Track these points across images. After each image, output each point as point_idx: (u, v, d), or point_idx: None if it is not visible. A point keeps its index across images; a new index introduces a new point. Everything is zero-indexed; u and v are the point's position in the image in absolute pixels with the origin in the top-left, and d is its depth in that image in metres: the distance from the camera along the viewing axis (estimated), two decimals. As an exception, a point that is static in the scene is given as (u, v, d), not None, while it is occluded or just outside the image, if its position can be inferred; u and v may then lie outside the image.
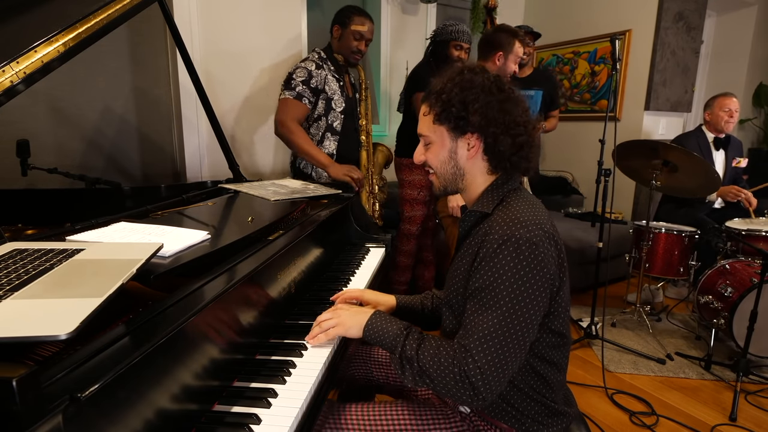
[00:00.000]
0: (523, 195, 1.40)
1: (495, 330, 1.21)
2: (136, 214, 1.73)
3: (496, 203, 1.38)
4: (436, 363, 1.25)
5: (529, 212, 1.31)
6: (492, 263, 1.25)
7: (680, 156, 3.34)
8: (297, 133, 2.93)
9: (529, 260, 1.23)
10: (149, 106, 3.56)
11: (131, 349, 0.89)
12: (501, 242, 1.25)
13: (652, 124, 5.25)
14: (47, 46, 1.50)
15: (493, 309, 1.23)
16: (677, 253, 3.67)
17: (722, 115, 4.26)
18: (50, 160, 3.08)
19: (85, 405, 0.74)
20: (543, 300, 1.26)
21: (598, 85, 5.50)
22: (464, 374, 1.20)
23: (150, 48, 3.50)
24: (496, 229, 1.28)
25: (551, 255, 1.28)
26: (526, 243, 1.23)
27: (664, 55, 5.04)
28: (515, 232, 1.25)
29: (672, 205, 4.44)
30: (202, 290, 1.19)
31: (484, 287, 1.25)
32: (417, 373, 1.28)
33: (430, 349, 1.28)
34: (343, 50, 3.08)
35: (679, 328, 3.84)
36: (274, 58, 3.82)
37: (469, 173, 1.44)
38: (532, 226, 1.26)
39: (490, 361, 1.20)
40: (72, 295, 0.88)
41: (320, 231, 2.01)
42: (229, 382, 1.22)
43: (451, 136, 1.41)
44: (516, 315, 1.22)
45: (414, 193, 3.60)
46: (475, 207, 1.41)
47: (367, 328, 1.41)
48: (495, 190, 1.41)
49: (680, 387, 3.02)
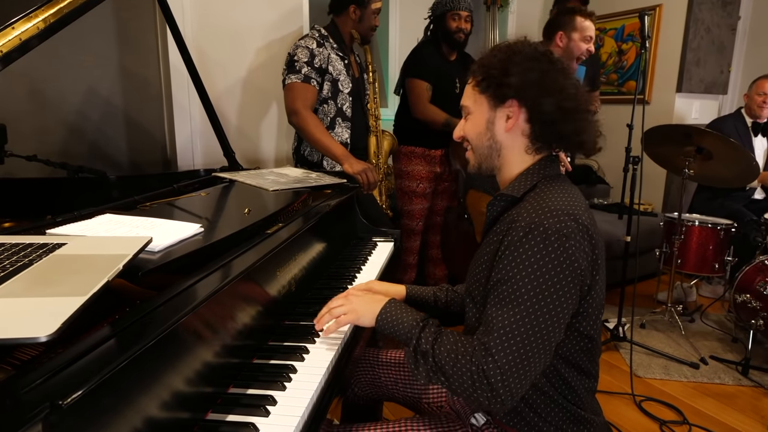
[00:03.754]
0: (560, 183, 1.39)
1: (517, 327, 1.20)
2: (122, 206, 1.73)
3: (528, 189, 1.38)
4: (452, 360, 1.24)
5: (562, 201, 1.30)
6: (516, 253, 1.24)
7: (716, 142, 3.32)
8: (311, 122, 2.89)
9: (558, 252, 1.21)
10: (137, 88, 3.55)
11: (117, 352, 0.88)
12: (527, 230, 1.24)
13: (685, 108, 5.21)
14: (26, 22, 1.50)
15: (515, 304, 1.22)
16: (712, 248, 3.65)
17: (756, 99, 4.24)
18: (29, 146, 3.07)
19: (68, 413, 0.74)
20: (571, 298, 1.24)
21: (625, 64, 5.47)
22: (483, 374, 1.19)
23: (138, 25, 3.49)
24: (523, 216, 1.27)
25: (583, 250, 1.26)
26: (555, 233, 1.22)
27: (698, 32, 5.00)
28: (544, 221, 1.24)
29: (707, 195, 4.42)
30: (195, 288, 1.18)
31: (506, 279, 1.24)
32: (431, 369, 1.28)
33: (447, 345, 1.28)
34: (362, 30, 3.08)
35: (714, 330, 3.83)
36: (273, 35, 3.80)
37: (506, 149, 1.44)
38: (564, 215, 1.25)
39: (512, 361, 1.19)
40: (53, 294, 0.88)
41: (323, 224, 2.01)
42: (224, 389, 1.22)
43: (491, 106, 1.42)
44: (540, 311, 1.21)
45: (413, 185, 3.60)
46: (505, 190, 1.41)
47: (380, 317, 1.41)
48: (530, 174, 1.41)
49: (715, 394, 3.01)
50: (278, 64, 3.08)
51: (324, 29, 3.08)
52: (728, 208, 4.14)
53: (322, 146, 2.88)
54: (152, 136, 3.64)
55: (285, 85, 2.95)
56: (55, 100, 3.26)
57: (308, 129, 2.88)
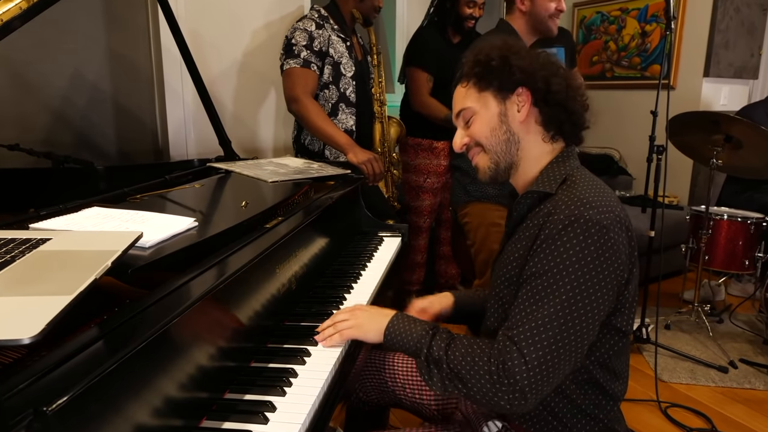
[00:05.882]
0: (589, 175, 1.42)
1: (550, 321, 1.21)
2: (111, 198, 1.73)
3: (560, 181, 1.39)
4: (469, 363, 1.25)
5: (598, 193, 1.33)
6: (555, 246, 1.25)
7: (746, 130, 3.30)
8: (312, 109, 2.88)
9: (598, 245, 1.23)
10: (126, 71, 3.55)
11: (105, 355, 0.88)
12: (567, 223, 1.26)
13: (713, 93, 5.19)
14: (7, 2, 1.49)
15: (551, 297, 1.23)
16: (742, 244, 3.63)
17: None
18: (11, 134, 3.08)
19: (52, 420, 0.74)
20: (609, 294, 1.26)
21: (649, 47, 5.45)
22: (506, 372, 1.20)
23: (127, 3, 3.48)
24: (562, 209, 1.29)
25: (622, 243, 1.29)
26: (596, 226, 1.24)
27: (727, 13, 4.97)
28: (584, 213, 1.26)
29: (735, 187, 4.40)
30: (189, 287, 1.18)
31: (543, 272, 1.25)
32: (447, 377, 1.28)
33: (462, 348, 1.28)
34: (364, 9, 3.06)
35: (744, 331, 3.82)
36: (272, 15, 3.80)
37: (524, 140, 1.45)
38: (604, 208, 1.28)
39: (540, 357, 1.19)
40: (36, 293, 0.88)
41: (326, 217, 2.01)
42: (220, 394, 1.22)
43: (498, 99, 1.45)
44: (576, 307, 1.22)
45: (420, 180, 3.59)
46: (535, 186, 1.41)
47: (388, 332, 1.42)
48: (557, 166, 1.43)
49: (745, 399, 3.00)
50: (277, 46, 3.07)
51: (324, 9, 3.06)
52: (758, 200, 4.12)
53: (324, 135, 2.86)
54: (142, 124, 3.64)
55: (283, 70, 2.93)
56: (39, 85, 3.25)
57: (309, 117, 2.86)
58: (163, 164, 2.52)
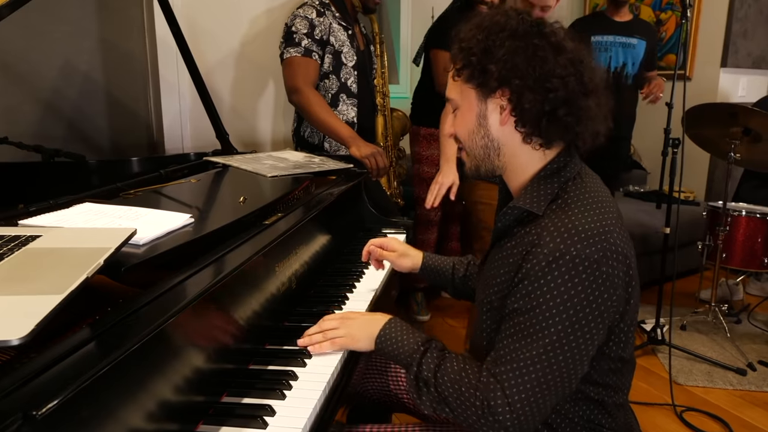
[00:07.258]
0: (586, 186, 1.32)
1: (533, 363, 1.18)
2: (103, 193, 1.73)
3: (549, 200, 1.29)
4: (457, 390, 1.23)
5: (592, 215, 1.24)
6: (538, 284, 1.19)
7: (765, 122, 3.30)
8: (314, 100, 2.87)
9: (586, 284, 1.17)
10: (119, 62, 3.55)
11: (98, 357, 0.88)
12: (552, 259, 1.18)
13: (730, 84, 5.19)
14: (-5, -12, 1.49)
15: (534, 338, 1.18)
16: (761, 241, 3.63)
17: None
18: None
19: (42, 424, 0.73)
20: (600, 331, 1.22)
21: (664, 36, 5.44)
22: (490, 410, 1.18)
23: (120, -9, 3.49)
24: (546, 241, 1.21)
25: (616, 275, 1.21)
26: (584, 262, 1.17)
27: (746, 0, 4.96)
28: (570, 247, 1.18)
29: (754, 182, 4.40)
30: (184, 286, 1.18)
31: (526, 310, 1.20)
32: (435, 399, 1.27)
33: (452, 374, 1.26)
34: None
35: (764, 332, 3.82)
36: (271, 2, 3.79)
37: (506, 147, 1.34)
38: (595, 237, 1.20)
39: (524, 399, 1.17)
40: (26, 292, 0.88)
41: (327, 214, 2.01)
42: (217, 398, 1.22)
43: (479, 97, 1.32)
44: (562, 349, 1.18)
45: (432, 172, 3.57)
46: (520, 202, 1.32)
47: (379, 340, 1.39)
48: (548, 179, 1.32)
49: (765, 403, 3.00)
50: (277, 34, 3.06)
51: None
52: (779, 196, 4.12)
53: (326, 127, 2.86)
54: (136, 116, 3.64)
55: (283, 60, 2.93)
56: (28, 76, 3.25)
57: (311, 108, 2.85)
58: (158, 158, 2.52)
